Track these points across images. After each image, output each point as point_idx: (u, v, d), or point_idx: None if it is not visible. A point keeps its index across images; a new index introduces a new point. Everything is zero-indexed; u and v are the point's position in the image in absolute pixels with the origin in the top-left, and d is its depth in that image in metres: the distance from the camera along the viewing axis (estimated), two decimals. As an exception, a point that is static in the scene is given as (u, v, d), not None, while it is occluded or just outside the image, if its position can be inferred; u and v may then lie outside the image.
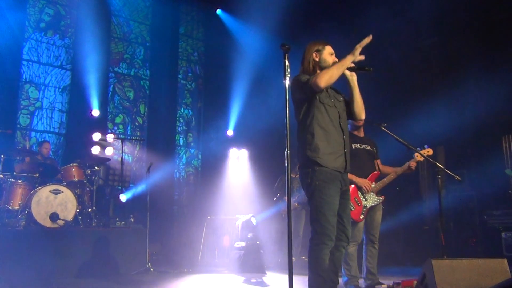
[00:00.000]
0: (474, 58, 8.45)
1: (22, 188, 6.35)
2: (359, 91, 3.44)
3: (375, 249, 4.76)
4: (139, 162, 10.04)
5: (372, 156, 4.87)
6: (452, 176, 4.42)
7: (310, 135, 3.29)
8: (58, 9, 9.27)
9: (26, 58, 8.71)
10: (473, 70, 8.28)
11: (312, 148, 3.26)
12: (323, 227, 3.18)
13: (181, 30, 11.17)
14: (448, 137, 8.44)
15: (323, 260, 3.17)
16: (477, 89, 8.05)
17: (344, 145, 3.36)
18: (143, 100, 10.40)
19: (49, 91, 8.93)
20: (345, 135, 3.40)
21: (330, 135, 3.31)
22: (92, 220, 6.64)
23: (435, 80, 9.31)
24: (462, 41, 8.55)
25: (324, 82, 3.16)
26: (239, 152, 10.37)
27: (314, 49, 3.44)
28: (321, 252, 3.17)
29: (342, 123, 3.40)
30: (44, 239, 5.74)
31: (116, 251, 6.22)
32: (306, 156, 3.28)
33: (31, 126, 8.65)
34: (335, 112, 3.39)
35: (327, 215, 3.18)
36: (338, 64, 3.24)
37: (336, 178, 3.28)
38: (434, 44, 8.95)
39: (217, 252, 7.35)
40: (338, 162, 3.30)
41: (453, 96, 8.56)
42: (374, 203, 4.71)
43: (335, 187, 3.26)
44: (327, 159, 3.25)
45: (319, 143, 3.26)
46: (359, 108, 3.46)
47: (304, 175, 3.31)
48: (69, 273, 5.69)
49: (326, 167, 3.23)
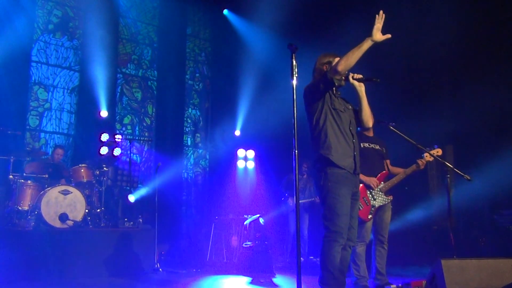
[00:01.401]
0: (484, 55, 8.38)
1: (32, 188, 6.40)
2: (367, 100, 3.57)
3: (384, 249, 4.75)
4: (147, 162, 10.08)
5: (381, 156, 4.86)
6: (462, 176, 4.39)
7: (324, 135, 3.46)
8: (66, 11, 9.33)
9: (35, 60, 8.78)
10: (483, 68, 8.22)
11: (325, 146, 3.43)
12: (335, 225, 3.30)
13: (188, 31, 11.19)
14: (457, 136, 8.39)
15: (333, 256, 3.28)
16: (487, 87, 7.97)
17: (354, 147, 3.52)
18: (151, 100, 10.44)
19: (58, 92, 8.99)
20: (355, 139, 3.57)
21: (341, 136, 3.48)
22: (101, 220, 6.68)
23: (444, 78, 9.25)
24: (472, 38, 8.48)
25: (342, 65, 3.28)
26: (247, 152, 10.37)
27: (325, 61, 3.59)
28: (332, 249, 3.29)
29: (351, 128, 3.57)
30: (54, 240, 5.78)
31: (125, 252, 6.25)
32: (319, 155, 3.44)
33: (40, 127, 8.72)
34: (347, 117, 3.56)
35: (339, 214, 3.31)
36: (355, 48, 3.29)
37: (347, 180, 3.42)
38: (443, 41, 8.88)
39: (225, 252, 7.35)
40: (348, 162, 3.45)
41: (462, 94, 8.50)
42: (382, 203, 4.69)
43: (346, 188, 3.40)
44: (339, 157, 3.40)
45: (332, 141, 3.43)
46: (367, 116, 3.62)
47: (318, 177, 3.47)
48: (78, 273, 5.71)
49: (337, 164, 3.38)
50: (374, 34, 3.24)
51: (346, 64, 3.26)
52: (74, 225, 6.15)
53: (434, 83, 9.26)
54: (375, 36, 3.24)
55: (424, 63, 9.05)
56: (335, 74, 3.32)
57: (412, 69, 9.27)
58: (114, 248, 6.16)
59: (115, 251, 6.16)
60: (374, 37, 3.24)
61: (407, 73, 9.31)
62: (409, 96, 9.30)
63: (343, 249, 3.37)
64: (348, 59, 3.25)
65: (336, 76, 3.33)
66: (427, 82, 9.27)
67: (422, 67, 9.16)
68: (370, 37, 3.25)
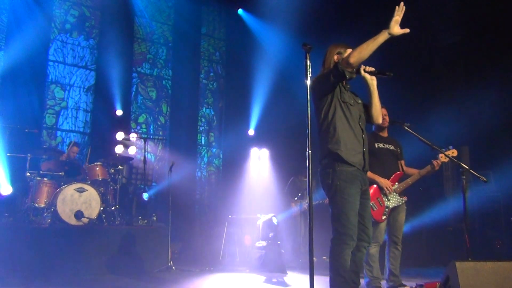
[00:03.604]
0: (499, 55, 8.26)
1: (48, 186, 6.49)
2: (378, 95, 3.44)
3: (398, 251, 4.70)
4: (162, 161, 10.15)
5: (396, 156, 4.82)
6: (477, 177, 4.33)
7: (333, 129, 3.31)
8: (83, 11, 9.44)
9: (52, 59, 8.90)
10: (499, 68, 8.10)
11: (334, 141, 3.28)
12: (345, 227, 3.18)
13: (203, 30, 11.24)
14: (473, 137, 8.28)
15: (344, 260, 3.16)
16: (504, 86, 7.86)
17: (363, 143, 3.38)
18: (165, 99, 10.51)
19: (74, 91, 9.11)
20: (364, 134, 3.42)
21: (351, 131, 3.33)
22: (116, 218, 6.74)
23: (460, 78, 9.14)
24: (487, 39, 8.37)
25: (355, 57, 3.12)
26: (260, 152, 10.37)
27: (335, 52, 3.43)
28: (343, 252, 3.17)
29: (361, 123, 3.42)
30: (69, 237, 5.86)
31: (139, 249, 6.31)
32: (328, 150, 3.29)
33: (56, 126, 8.83)
34: (356, 111, 3.41)
35: (348, 215, 3.18)
36: (370, 40, 3.13)
37: (356, 178, 3.28)
38: (458, 42, 8.78)
39: (238, 251, 7.38)
40: (357, 158, 3.30)
41: (478, 94, 8.39)
42: (396, 204, 4.66)
43: (355, 187, 3.26)
44: (348, 153, 3.26)
45: (341, 135, 3.28)
46: (377, 112, 3.48)
47: (325, 175, 3.31)
48: (93, 270, 5.79)
49: (346, 160, 3.24)
50: (392, 27, 3.07)
51: (359, 57, 3.11)
52: (89, 222, 6.22)
53: (449, 82, 9.16)
54: (392, 29, 3.08)
55: (440, 62, 8.96)
56: (346, 66, 3.17)
57: (427, 67, 9.19)
58: (128, 245, 6.22)
59: (129, 248, 6.21)
60: (392, 30, 3.08)
61: (422, 72, 9.22)
62: (424, 96, 9.21)
63: (358, 250, 3.28)
64: (362, 51, 3.09)
65: (348, 68, 3.18)
66: (443, 81, 9.18)
67: (438, 65, 9.07)
68: (387, 29, 3.09)
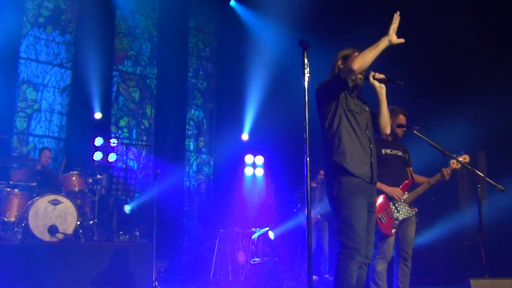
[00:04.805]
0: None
1: (19, 198, 6.45)
2: (386, 104, 3.56)
3: (408, 267, 4.71)
4: (145, 169, 10.13)
5: (404, 162, 4.83)
6: (494, 186, 4.35)
7: (338, 139, 3.41)
8: (58, 3, 9.42)
9: (23, 56, 8.87)
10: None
11: (339, 152, 3.38)
12: (352, 241, 3.26)
13: (191, 24, 11.25)
14: (490, 141, 8.32)
15: (350, 276, 3.24)
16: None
17: (371, 154, 3.47)
18: (149, 101, 10.50)
19: (48, 92, 9.08)
20: (372, 144, 3.51)
21: (357, 141, 3.43)
22: (94, 233, 6.72)
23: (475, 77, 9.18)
24: (504, 33, 8.42)
25: (357, 64, 3.27)
26: (255, 158, 10.37)
27: (340, 56, 3.58)
28: (348, 267, 3.24)
29: (368, 132, 3.52)
30: (42, 254, 5.80)
31: (120, 268, 6.26)
32: (333, 161, 3.39)
33: (28, 130, 8.80)
34: (363, 120, 3.51)
35: (356, 228, 3.27)
36: (371, 46, 3.32)
37: (363, 190, 3.37)
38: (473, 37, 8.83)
39: (230, 269, 7.36)
40: (364, 170, 3.40)
41: (496, 95, 8.43)
42: (406, 216, 4.66)
43: (362, 199, 3.35)
44: (354, 165, 3.36)
45: (347, 146, 3.38)
46: (385, 122, 3.59)
47: (330, 187, 3.41)
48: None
49: (352, 172, 3.33)
50: (390, 35, 3.31)
51: (362, 63, 3.27)
52: (64, 238, 6.19)
53: (464, 83, 9.19)
54: (391, 36, 3.31)
55: (453, 61, 9.00)
56: (349, 73, 3.31)
57: (439, 68, 9.22)
58: (108, 264, 6.18)
59: (109, 267, 6.18)
60: (391, 38, 3.31)
61: (434, 73, 9.26)
62: (436, 97, 9.23)
63: (359, 267, 3.32)
64: (364, 58, 3.27)
65: (351, 76, 3.33)
66: (456, 82, 9.21)
67: (451, 65, 9.11)
68: (387, 36, 3.31)
